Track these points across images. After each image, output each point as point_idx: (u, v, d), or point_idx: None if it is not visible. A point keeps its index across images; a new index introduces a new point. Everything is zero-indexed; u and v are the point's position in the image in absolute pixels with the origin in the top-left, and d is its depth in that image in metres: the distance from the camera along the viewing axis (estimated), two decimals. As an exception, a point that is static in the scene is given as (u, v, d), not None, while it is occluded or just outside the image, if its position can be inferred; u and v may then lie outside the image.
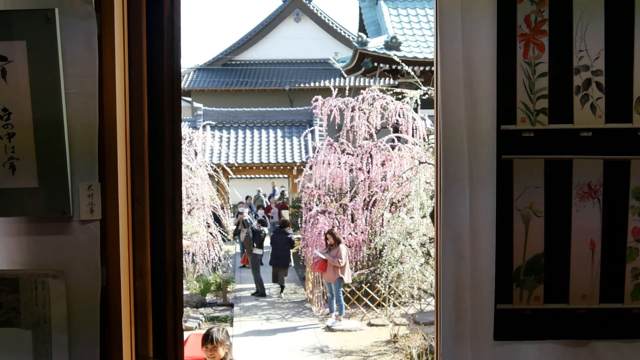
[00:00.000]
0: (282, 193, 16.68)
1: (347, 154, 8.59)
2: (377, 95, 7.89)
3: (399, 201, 7.36)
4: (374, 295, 7.74)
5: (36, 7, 1.32)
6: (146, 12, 1.47)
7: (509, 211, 1.42)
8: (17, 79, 1.30)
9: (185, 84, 20.70)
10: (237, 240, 10.90)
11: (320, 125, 9.46)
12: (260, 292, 9.19)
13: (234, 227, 11.05)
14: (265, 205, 14.46)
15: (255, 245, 9.29)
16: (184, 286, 8.61)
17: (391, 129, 7.99)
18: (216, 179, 9.61)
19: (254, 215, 10.79)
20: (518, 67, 1.40)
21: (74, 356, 1.33)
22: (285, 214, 12.84)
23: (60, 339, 1.32)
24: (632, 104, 1.40)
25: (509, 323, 1.45)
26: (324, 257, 7.35)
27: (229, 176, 10.96)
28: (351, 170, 8.60)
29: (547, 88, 1.40)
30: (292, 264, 9.71)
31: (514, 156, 1.42)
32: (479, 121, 1.44)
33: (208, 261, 8.54)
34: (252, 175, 16.64)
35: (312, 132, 14.51)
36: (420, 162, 6.75)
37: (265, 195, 15.85)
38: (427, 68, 10.53)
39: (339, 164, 8.52)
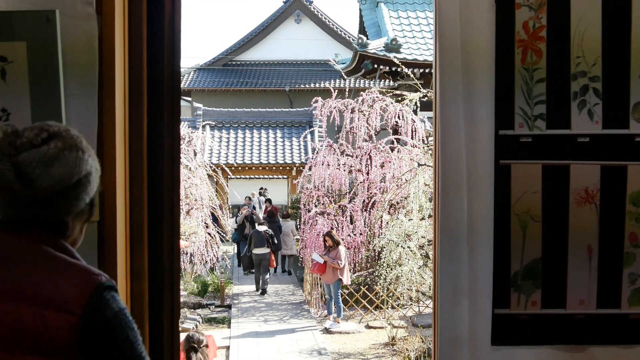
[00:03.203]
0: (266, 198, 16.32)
1: (347, 155, 8.60)
2: (377, 97, 7.90)
3: (397, 203, 7.37)
4: (372, 297, 7.74)
5: (37, 9, 1.32)
6: (147, 14, 1.47)
7: (507, 216, 1.43)
8: (16, 80, 1.30)
9: (185, 83, 20.71)
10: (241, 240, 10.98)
11: (320, 127, 9.48)
12: (262, 290, 9.34)
13: (235, 227, 11.12)
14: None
15: (260, 245, 9.44)
16: (181, 287, 8.61)
17: (390, 131, 8.00)
18: (215, 179, 9.60)
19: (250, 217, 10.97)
20: (516, 72, 1.40)
21: (70, 358, 1.33)
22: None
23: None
24: (629, 110, 1.41)
25: (507, 328, 1.45)
26: (322, 262, 7.35)
27: (228, 176, 10.96)
28: (350, 172, 8.60)
29: (545, 94, 1.41)
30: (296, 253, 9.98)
31: (512, 161, 1.42)
32: (477, 126, 1.44)
33: (206, 262, 8.53)
34: (251, 176, 16.63)
35: (312, 133, 14.52)
36: (419, 165, 6.76)
37: (262, 194, 15.62)
38: (427, 70, 10.55)
39: (338, 165, 8.53)
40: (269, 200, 12.65)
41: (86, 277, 0.91)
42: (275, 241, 9.62)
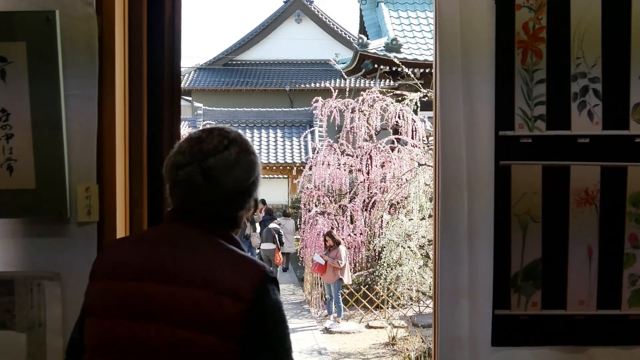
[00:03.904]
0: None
1: (347, 155, 8.59)
2: (377, 96, 7.90)
3: (398, 203, 7.36)
4: (372, 297, 7.74)
5: (37, 9, 1.32)
6: (147, 14, 1.47)
7: (507, 217, 1.42)
8: (16, 80, 1.30)
9: (185, 83, 20.69)
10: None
11: (320, 126, 9.47)
12: None
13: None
14: None
15: (267, 240, 9.59)
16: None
17: (391, 131, 8.00)
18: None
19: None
20: (516, 73, 1.40)
21: None
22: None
23: (55, 342, 1.32)
24: (629, 111, 1.41)
25: (507, 329, 1.45)
26: (322, 262, 7.36)
27: (229, 176, 10.98)
28: (351, 172, 8.60)
29: (545, 94, 1.40)
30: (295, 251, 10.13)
31: (512, 162, 1.42)
32: (478, 127, 1.44)
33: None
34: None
35: (312, 132, 14.51)
36: (419, 164, 6.76)
37: None
38: (427, 70, 10.54)
39: (339, 165, 8.52)
40: (262, 201, 12.71)
41: (255, 269, 1.01)
42: (283, 240, 9.74)
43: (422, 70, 10.64)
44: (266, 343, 0.98)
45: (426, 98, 6.69)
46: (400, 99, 7.38)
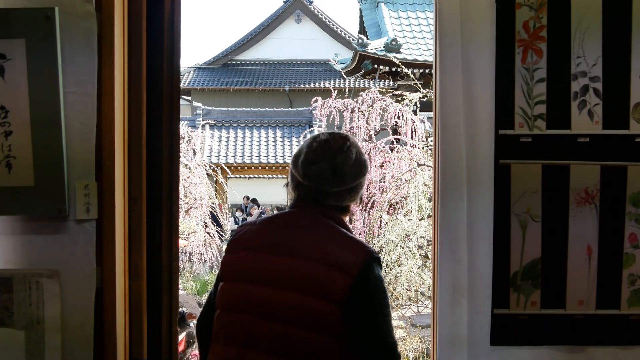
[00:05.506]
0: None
1: (346, 155, 8.58)
2: (377, 97, 7.90)
3: (397, 203, 7.36)
4: (371, 297, 7.74)
5: (36, 6, 1.31)
6: (147, 12, 1.46)
7: (507, 216, 1.43)
8: (15, 77, 1.30)
9: (185, 82, 20.68)
10: None
11: (320, 126, 9.47)
12: None
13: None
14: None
15: None
16: (180, 286, 8.59)
17: (390, 131, 8.00)
18: (214, 179, 9.60)
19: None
20: (516, 72, 1.40)
21: (67, 358, 1.32)
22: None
23: (53, 340, 1.31)
24: (629, 110, 1.41)
25: (506, 328, 1.45)
26: None
27: (228, 176, 10.97)
28: (350, 172, 8.59)
29: (545, 94, 1.41)
30: None
31: (512, 161, 1.42)
32: (477, 126, 1.44)
33: (205, 261, 8.53)
34: (251, 175, 16.62)
35: (312, 132, 14.51)
36: (418, 165, 6.77)
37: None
38: (427, 70, 10.55)
39: (338, 165, 8.51)
40: (254, 200, 12.72)
41: (361, 249, 1.22)
42: None
43: (421, 70, 10.65)
44: (368, 309, 1.18)
45: (426, 98, 6.68)
46: (399, 99, 7.38)
